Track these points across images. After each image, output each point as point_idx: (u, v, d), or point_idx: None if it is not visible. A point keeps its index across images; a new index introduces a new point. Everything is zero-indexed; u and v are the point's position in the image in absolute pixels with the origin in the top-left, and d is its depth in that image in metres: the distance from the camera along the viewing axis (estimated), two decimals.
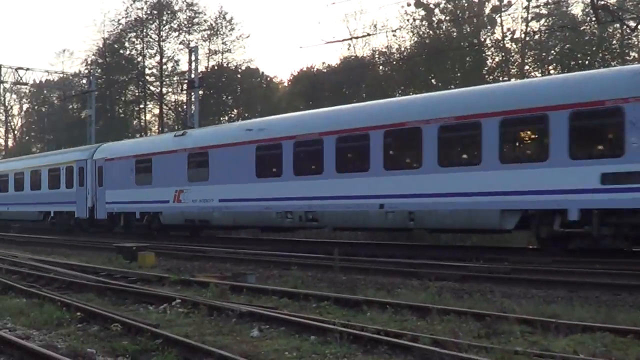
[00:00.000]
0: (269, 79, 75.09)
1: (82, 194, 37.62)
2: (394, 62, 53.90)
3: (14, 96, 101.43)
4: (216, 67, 70.59)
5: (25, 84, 62.06)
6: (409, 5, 52.27)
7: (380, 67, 56.00)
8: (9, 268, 20.51)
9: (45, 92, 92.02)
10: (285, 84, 74.34)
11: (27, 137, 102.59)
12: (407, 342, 8.90)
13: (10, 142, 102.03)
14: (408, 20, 53.08)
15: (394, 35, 55.07)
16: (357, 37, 55.44)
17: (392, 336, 9.27)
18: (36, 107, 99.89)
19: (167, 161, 31.97)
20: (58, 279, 17.54)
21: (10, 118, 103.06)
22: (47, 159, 43.68)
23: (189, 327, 10.82)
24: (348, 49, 59.62)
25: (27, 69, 57.85)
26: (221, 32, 71.06)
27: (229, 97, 72.10)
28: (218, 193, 28.95)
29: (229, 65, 71.27)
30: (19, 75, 57.45)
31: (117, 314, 11.47)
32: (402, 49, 54.65)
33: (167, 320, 11.55)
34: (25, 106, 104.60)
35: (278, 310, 11.82)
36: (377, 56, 56.98)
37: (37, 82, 66.59)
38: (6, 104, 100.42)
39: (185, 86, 58.71)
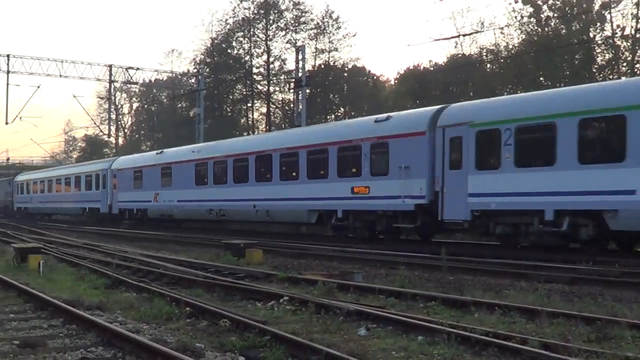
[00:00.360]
0: (375, 77, 75.07)
1: (104, 195, 49.95)
2: (502, 60, 53.13)
3: (125, 95, 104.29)
4: (323, 66, 70.86)
5: (135, 83, 63.68)
6: (516, 2, 51.49)
7: (488, 65, 55.29)
8: (120, 263, 21.04)
9: (154, 91, 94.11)
10: (392, 83, 74.13)
11: (136, 135, 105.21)
12: (516, 344, 8.71)
13: (120, 140, 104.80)
14: (516, 17, 52.28)
15: (501, 33, 54.33)
16: (464, 35, 54.93)
17: (501, 338, 9.10)
18: (146, 106, 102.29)
19: (150, 172, 44.12)
20: (167, 274, 17.86)
21: (120, 116, 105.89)
22: (84, 167, 57.10)
23: (296, 325, 10.83)
24: (455, 47, 59.13)
25: (137, 69, 59.38)
26: (328, 31, 71.32)
27: (336, 96, 72.34)
28: (177, 195, 40.86)
29: (336, 64, 71.45)
30: (129, 75, 59.03)
31: (225, 310, 11.57)
32: (510, 46, 53.86)
33: (274, 317, 11.60)
34: (135, 105, 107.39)
35: (385, 309, 11.72)
36: (484, 54, 56.31)
37: (147, 81, 68.18)
38: (117, 103, 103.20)
39: (292, 85, 59.13)
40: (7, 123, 57.23)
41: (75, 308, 12.06)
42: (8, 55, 54.94)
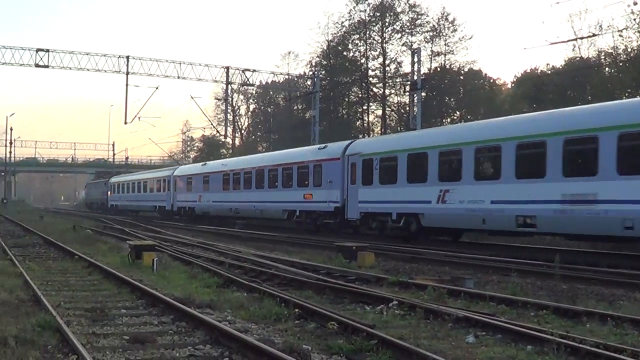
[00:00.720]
0: (492, 80, 74.12)
1: (169, 196, 59.75)
2: (621, 64, 51.52)
3: (241, 97, 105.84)
4: (439, 69, 70.41)
5: (252, 85, 64.61)
6: (635, 4, 49.80)
7: (607, 69, 53.74)
8: (232, 262, 21.40)
9: (271, 93, 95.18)
10: (509, 86, 73.07)
11: (253, 137, 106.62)
12: (627, 357, 8.51)
13: (237, 141, 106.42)
14: (634, 19, 50.56)
15: (620, 36, 52.65)
16: (582, 38, 53.59)
17: (611, 350, 8.84)
18: (262, 108, 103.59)
19: (197, 179, 54.39)
20: (279, 275, 18.07)
21: (237, 118, 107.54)
22: (156, 174, 68.45)
23: (404, 330, 10.80)
24: (573, 50, 57.74)
25: (254, 71, 60.20)
26: (444, 34, 70.88)
27: (452, 99, 71.73)
28: (212, 197, 51.01)
29: (452, 67, 70.90)
30: (245, 77, 59.89)
31: (334, 313, 11.62)
32: (629, 49, 52.18)
33: (383, 322, 11.58)
34: (251, 106, 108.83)
35: (495, 317, 11.58)
36: (603, 57, 54.78)
37: (263, 83, 69.09)
38: (234, 104, 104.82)
39: (407, 88, 58.91)
40: (126, 123, 58.89)
41: (186, 306, 12.35)
42: (128, 57, 56.58)
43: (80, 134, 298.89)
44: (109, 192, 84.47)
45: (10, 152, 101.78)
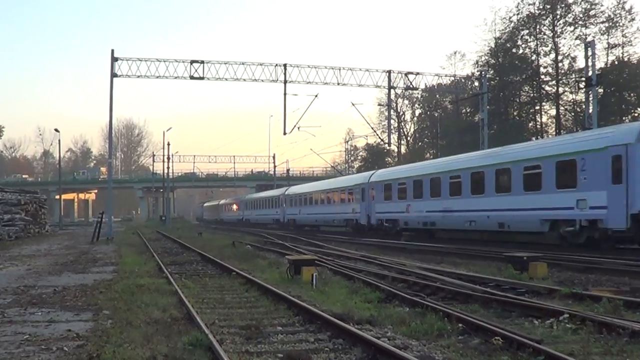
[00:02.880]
0: None
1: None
2: None
3: (406, 101, 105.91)
4: (616, 62, 68.15)
5: (415, 88, 64.36)
6: None
7: None
8: (396, 276, 21.37)
9: (437, 96, 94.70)
10: None
11: (419, 143, 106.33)
12: None
13: (402, 149, 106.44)
14: None
15: None
16: None
17: None
18: (428, 112, 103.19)
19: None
20: (444, 288, 17.92)
21: (402, 124, 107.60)
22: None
23: (574, 345, 10.53)
24: None
25: (417, 74, 59.88)
26: (620, 24, 68.61)
27: (632, 95, 69.09)
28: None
29: (630, 59, 68.44)
30: (409, 80, 59.71)
31: (499, 327, 11.46)
32: None
33: (552, 336, 11.34)
34: (417, 111, 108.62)
35: None
36: None
37: (428, 86, 68.85)
38: (398, 110, 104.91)
39: (582, 85, 57.31)
40: (285, 133, 59.56)
41: (344, 322, 12.42)
42: (285, 65, 57.38)
43: (239, 147, 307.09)
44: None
45: (168, 168, 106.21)
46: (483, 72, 64.89)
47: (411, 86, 61.01)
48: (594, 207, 28.05)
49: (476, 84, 69.31)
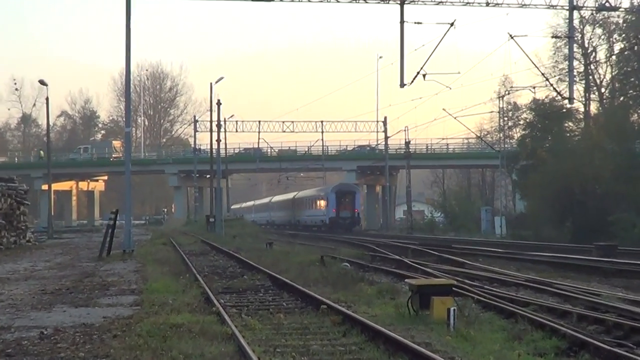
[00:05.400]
0: None
1: None
2: None
3: (599, 31, 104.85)
4: None
5: (616, 8, 64.16)
6: None
7: None
8: (584, 313, 21.14)
9: None
10: None
11: (621, 98, 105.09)
12: None
13: (593, 107, 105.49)
14: None
15: None
16: None
17: None
18: (636, 47, 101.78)
19: None
20: None
21: (592, 67, 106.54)
22: None
23: None
24: None
25: None
26: None
27: None
28: None
29: None
30: None
31: None
32: None
33: None
34: (617, 47, 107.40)
35: None
36: None
37: (635, 4, 67.86)
38: (586, 45, 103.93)
39: None
40: (402, 85, 58.91)
41: None
42: None
43: (329, 108, 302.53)
44: None
45: (220, 141, 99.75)
46: None
47: (608, 4, 59.95)
48: None
49: None
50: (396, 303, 22.96)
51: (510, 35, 63.06)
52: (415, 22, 57.66)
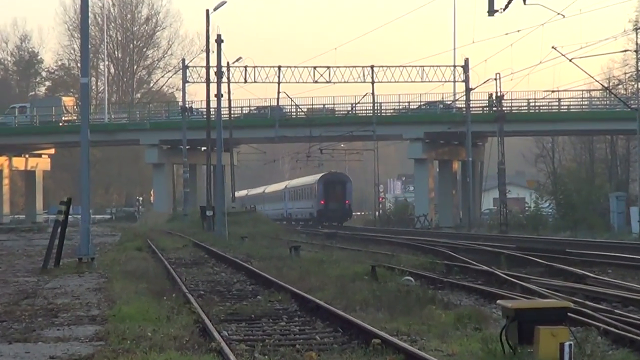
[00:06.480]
0: None
1: None
2: None
3: None
4: None
5: None
6: None
7: None
8: None
9: None
10: None
11: None
12: None
13: None
14: None
15: None
16: None
17: None
18: None
19: None
20: None
21: None
22: None
23: None
24: None
25: None
26: None
27: None
28: None
29: None
30: None
31: None
32: None
33: None
34: None
35: None
36: None
37: None
38: None
39: None
40: (492, 13, 60.99)
41: None
42: None
43: (382, 49, 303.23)
44: None
45: (219, 97, 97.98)
46: None
47: None
48: None
49: None
50: (483, 336, 22.91)
51: None
52: None
